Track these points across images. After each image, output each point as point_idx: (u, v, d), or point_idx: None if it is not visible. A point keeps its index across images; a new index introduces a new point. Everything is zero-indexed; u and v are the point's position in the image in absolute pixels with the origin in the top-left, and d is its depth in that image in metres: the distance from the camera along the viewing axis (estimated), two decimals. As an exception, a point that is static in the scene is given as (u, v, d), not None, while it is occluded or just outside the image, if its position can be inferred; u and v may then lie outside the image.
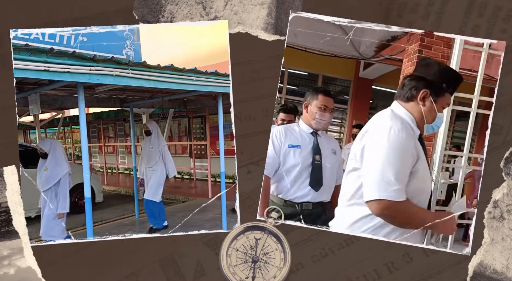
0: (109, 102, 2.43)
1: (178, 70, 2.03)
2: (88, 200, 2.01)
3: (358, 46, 1.84)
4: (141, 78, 2.04)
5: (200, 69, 2.06)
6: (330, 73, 1.95)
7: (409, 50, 1.79)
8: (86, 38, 1.89)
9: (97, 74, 1.95)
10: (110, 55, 1.94)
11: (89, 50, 1.90)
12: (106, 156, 2.74)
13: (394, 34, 1.77)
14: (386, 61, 1.86)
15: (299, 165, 1.95)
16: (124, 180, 2.70)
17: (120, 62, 1.97)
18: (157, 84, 2.07)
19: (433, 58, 1.78)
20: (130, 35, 1.94)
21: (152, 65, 2.00)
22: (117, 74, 1.99)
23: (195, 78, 2.11)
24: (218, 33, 1.89)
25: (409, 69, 1.76)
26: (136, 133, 2.54)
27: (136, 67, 2.00)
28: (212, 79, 2.11)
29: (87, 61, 1.92)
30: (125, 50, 1.98)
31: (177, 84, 2.10)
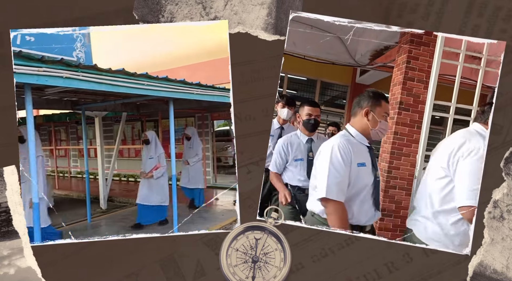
0: (60, 104, 2.37)
1: (130, 74, 2.01)
2: (36, 206, 1.96)
3: (354, 54, 1.91)
4: (92, 81, 2.00)
5: (151, 74, 2.06)
6: (328, 79, 1.98)
7: (398, 60, 1.89)
8: (33, 38, 1.87)
9: (46, 76, 1.90)
10: (59, 57, 1.90)
11: (37, 51, 1.88)
12: (58, 160, 2.71)
13: (387, 44, 1.86)
14: (381, 68, 1.94)
15: (367, 185, 1.78)
16: (77, 184, 2.64)
17: (70, 64, 1.92)
18: (109, 88, 2.04)
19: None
20: (81, 38, 1.92)
21: (104, 68, 1.97)
22: (67, 76, 1.94)
23: (147, 83, 2.10)
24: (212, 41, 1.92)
25: (398, 78, 1.87)
26: (89, 136, 2.51)
27: (87, 69, 1.96)
28: (163, 84, 2.11)
29: (35, 62, 1.87)
30: (76, 52, 1.95)
31: (128, 88, 2.08)
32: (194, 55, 1.97)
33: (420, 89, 1.89)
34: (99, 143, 2.47)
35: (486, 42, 1.91)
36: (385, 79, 1.98)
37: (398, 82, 1.90)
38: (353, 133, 1.80)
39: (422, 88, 1.88)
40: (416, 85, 1.89)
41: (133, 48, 1.94)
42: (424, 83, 1.88)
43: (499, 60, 1.84)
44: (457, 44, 1.88)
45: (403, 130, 1.91)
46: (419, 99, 1.89)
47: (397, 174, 1.91)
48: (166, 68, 2.04)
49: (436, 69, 1.87)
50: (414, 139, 1.89)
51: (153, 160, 2.37)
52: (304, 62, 1.92)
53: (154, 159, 2.36)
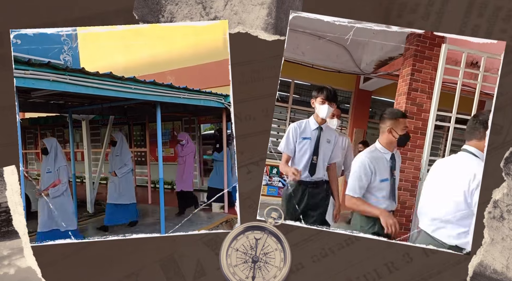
0: (46, 107, 2.36)
1: (117, 78, 2.00)
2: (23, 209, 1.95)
3: (359, 63, 2.01)
4: (79, 84, 1.99)
5: (139, 78, 2.06)
6: (333, 85, 2.03)
7: (403, 72, 2.03)
8: (20, 41, 1.87)
9: (33, 79, 1.89)
10: (46, 60, 1.90)
11: (24, 53, 1.87)
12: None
13: (391, 55, 2.00)
14: (384, 77, 2.07)
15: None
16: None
17: (58, 68, 1.92)
18: (96, 91, 2.03)
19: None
20: (68, 41, 1.92)
21: (91, 72, 1.97)
22: (54, 80, 1.93)
23: (134, 87, 2.10)
24: (170, 40, 1.93)
25: (403, 88, 2.03)
26: (76, 139, 2.50)
27: (74, 73, 1.96)
28: (151, 88, 2.11)
29: (21, 65, 1.87)
30: (63, 56, 1.95)
31: (116, 91, 2.07)
32: (188, 57, 1.98)
33: (423, 99, 2.02)
34: (86, 146, 2.47)
35: (486, 42, 1.91)
36: (388, 86, 2.10)
37: (403, 92, 2.03)
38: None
39: (425, 98, 2.01)
40: (420, 95, 2.02)
41: (122, 51, 1.94)
42: (427, 93, 2.01)
43: (497, 69, 1.94)
44: (458, 56, 1.99)
45: (407, 137, 2.05)
46: (422, 108, 2.01)
47: (402, 176, 2.01)
48: (159, 71, 2.05)
49: (439, 83, 1.99)
50: (418, 145, 2.01)
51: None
52: (311, 69, 2.01)
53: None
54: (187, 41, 1.96)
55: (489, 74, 1.96)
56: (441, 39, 1.94)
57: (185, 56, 1.98)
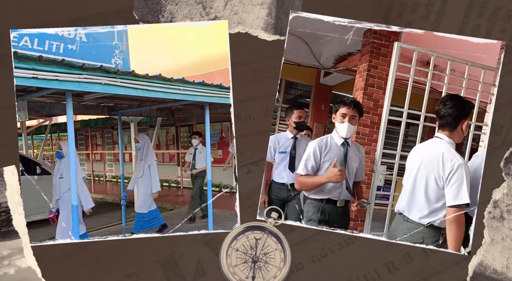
0: (97, 110, 2.43)
1: (166, 80, 2.05)
2: (75, 208, 2.03)
3: (319, 57, 2.05)
4: (130, 87, 2.06)
5: (188, 79, 2.09)
6: (293, 78, 2.08)
7: (360, 68, 2.09)
8: (75, 47, 1.92)
9: (86, 82, 1.97)
10: (99, 64, 1.97)
11: (78, 58, 1.93)
12: (94, 164, 2.75)
13: (350, 50, 2.03)
14: (344, 72, 2.13)
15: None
16: (111, 188, 2.70)
17: (109, 71, 1.99)
18: (145, 93, 2.10)
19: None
20: (119, 45, 1.96)
21: (141, 74, 2.03)
22: (106, 83, 2.01)
23: (183, 88, 2.13)
24: (214, 41, 1.94)
25: (360, 84, 2.10)
26: (124, 141, 2.56)
27: (124, 76, 2.02)
28: (199, 89, 2.14)
29: (76, 69, 1.94)
30: (114, 59, 2.00)
31: (165, 93, 2.13)
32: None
33: (379, 94, 2.08)
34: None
35: (486, 42, 1.92)
36: (347, 81, 2.16)
37: (360, 87, 2.10)
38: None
39: (381, 94, 2.07)
40: (376, 91, 2.09)
41: (170, 53, 1.98)
42: (382, 89, 2.07)
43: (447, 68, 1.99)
44: (410, 54, 2.04)
45: (364, 131, 2.10)
46: (379, 103, 2.08)
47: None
48: (203, 72, 2.09)
49: (392, 79, 2.03)
50: (374, 139, 2.07)
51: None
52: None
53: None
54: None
55: (442, 74, 2.01)
56: (396, 36, 1.97)
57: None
